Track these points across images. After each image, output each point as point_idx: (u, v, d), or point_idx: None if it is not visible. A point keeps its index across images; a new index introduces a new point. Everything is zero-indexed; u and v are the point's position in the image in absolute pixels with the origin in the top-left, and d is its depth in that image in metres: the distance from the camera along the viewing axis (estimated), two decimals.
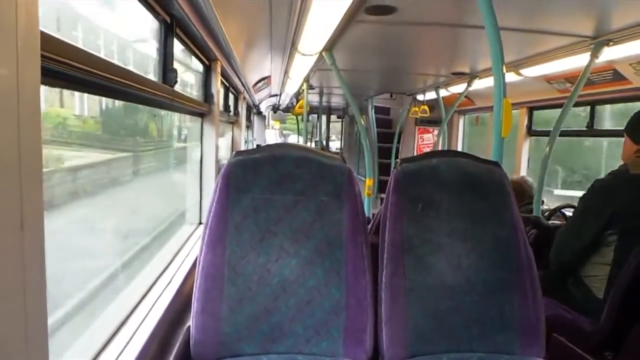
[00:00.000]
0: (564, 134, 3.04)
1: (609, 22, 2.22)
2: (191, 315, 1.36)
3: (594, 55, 2.50)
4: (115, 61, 1.08)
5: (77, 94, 1.14)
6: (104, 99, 1.35)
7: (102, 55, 0.98)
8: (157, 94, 1.48)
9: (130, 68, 1.24)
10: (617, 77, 2.86)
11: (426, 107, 5.54)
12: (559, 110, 2.89)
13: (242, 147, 5.16)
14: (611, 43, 2.41)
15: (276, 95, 7.06)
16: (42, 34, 0.65)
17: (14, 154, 0.57)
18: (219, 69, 2.52)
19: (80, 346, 1.09)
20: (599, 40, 2.41)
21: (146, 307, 1.41)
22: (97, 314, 1.24)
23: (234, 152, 1.47)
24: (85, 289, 1.22)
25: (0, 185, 0.54)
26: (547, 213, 2.96)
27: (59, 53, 0.77)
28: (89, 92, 1.10)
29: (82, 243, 1.30)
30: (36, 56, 0.62)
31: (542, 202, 3.11)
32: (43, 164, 0.65)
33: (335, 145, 11.22)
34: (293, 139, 15.35)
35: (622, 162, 2.04)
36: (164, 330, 1.38)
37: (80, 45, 0.88)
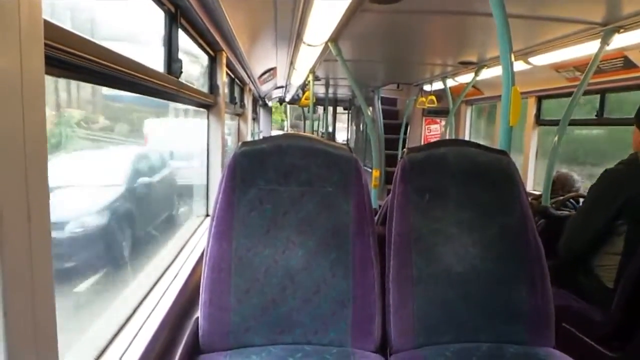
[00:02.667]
0: (573, 123, 3.00)
1: (620, 8, 2.18)
2: (199, 306, 1.36)
3: (604, 42, 2.45)
4: (120, 51, 1.07)
5: None
6: None
7: (107, 45, 0.97)
8: (163, 84, 1.48)
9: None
10: (628, 64, 2.82)
11: (433, 98, 5.51)
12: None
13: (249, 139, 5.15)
14: (622, 30, 2.36)
15: (282, 87, 7.03)
16: (46, 22, 0.64)
17: (19, 145, 0.57)
18: (224, 60, 2.51)
19: None
20: (610, 27, 2.37)
21: (155, 298, 1.42)
22: None
23: (239, 143, 1.47)
24: None
25: (5, 177, 0.54)
26: (556, 202, 2.94)
27: (63, 42, 0.76)
28: (94, 83, 1.09)
29: None
30: (39, 45, 0.62)
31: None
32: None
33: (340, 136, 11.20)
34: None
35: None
36: (172, 321, 1.38)
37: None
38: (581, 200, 2.76)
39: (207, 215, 2.46)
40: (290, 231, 1.40)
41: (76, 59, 0.82)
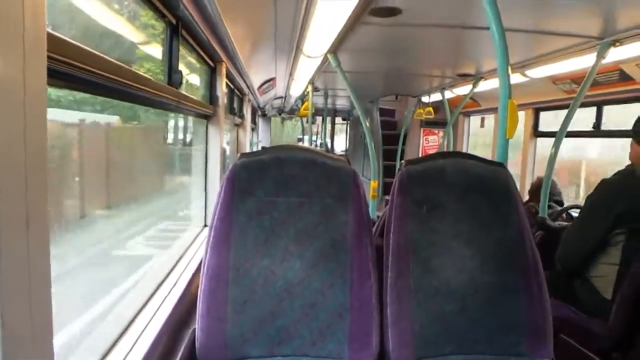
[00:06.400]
0: (570, 134, 3.02)
1: (615, 23, 2.21)
2: (196, 317, 1.35)
3: (600, 55, 2.48)
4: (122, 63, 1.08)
5: None
6: None
7: (108, 57, 0.99)
8: (163, 95, 1.49)
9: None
10: (624, 77, 2.85)
11: (431, 109, 5.53)
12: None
13: (247, 150, 5.17)
14: (617, 43, 2.39)
15: (281, 97, 7.07)
16: (49, 35, 0.65)
17: (20, 154, 0.57)
18: (224, 71, 2.52)
19: None
20: (605, 40, 2.40)
21: (152, 309, 1.41)
22: None
23: (239, 154, 1.47)
24: None
25: (6, 185, 0.55)
26: (553, 214, 2.94)
27: (66, 54, 0.77)
28: (96, 94, 1.10)
29: None
30: (42, 57, 0.63)
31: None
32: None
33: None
34: None
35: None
36: (169, 332, 1.38)
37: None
38: (577, 211, 2.77)
39: (205, 225, 2.46)
40: (288, 242, 1.40)
41: (78, 71, 0.83)
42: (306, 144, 8.22)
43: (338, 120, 10.07)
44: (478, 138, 5.91)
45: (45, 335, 0.65)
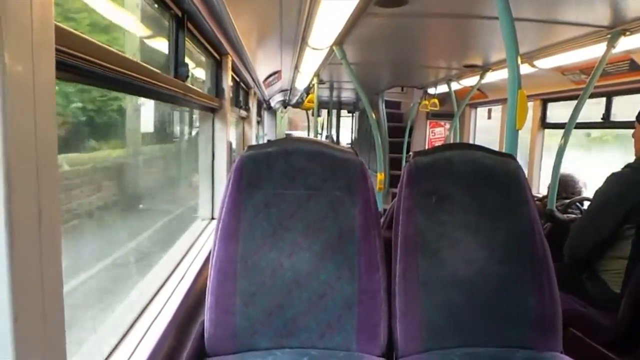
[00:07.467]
0: (579, 126, 2.99)
1: (626, 11, 2.17)
2: (205, 310, 1.36)
3: (610, 45, 2.44)
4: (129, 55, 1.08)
5: None
6: None
7: (116, 50, 0.98)
8: (170, 88, 1.48)
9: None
10: (634, 67, 2.81)
11: (436, 101, 5.49)
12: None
13: (253, 143, 5.16)
14: (628, 33, 2.35)
15: (286, 90, 7.05)
16: (57, 27, 0.65)
17: (31, 150, 0.57)
18: (229, 64, 2.52)
19: None
20: (616, 30, 2.36)
21: (161, 301, 1.42)
22: None
23: (246, 147, 1.47)
24: None
25: (17, 182, 0.54)
26: (562, 206, 2.93)
27: (74, 47, 0.77)
28: (104, 87, 1.10)
29: None
30: (51, 51, 0.62)
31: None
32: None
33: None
34: None
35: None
36: (178, 325, 1.39)
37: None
38: (587, 203, 2.75)
39: (213, 218, 2.47)
40: (296, 234, 1.40)
41: (86, 64, 0.83)
42: None
43: (343, 112, 10.04)
44: (481, 136, 5.83)
45: (57, 331, 0.65)
